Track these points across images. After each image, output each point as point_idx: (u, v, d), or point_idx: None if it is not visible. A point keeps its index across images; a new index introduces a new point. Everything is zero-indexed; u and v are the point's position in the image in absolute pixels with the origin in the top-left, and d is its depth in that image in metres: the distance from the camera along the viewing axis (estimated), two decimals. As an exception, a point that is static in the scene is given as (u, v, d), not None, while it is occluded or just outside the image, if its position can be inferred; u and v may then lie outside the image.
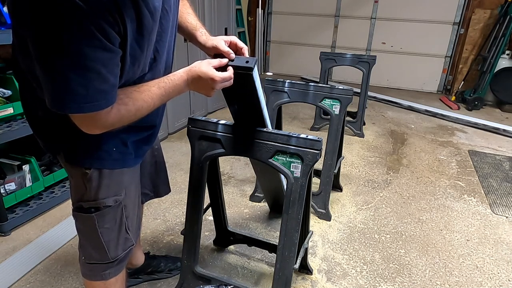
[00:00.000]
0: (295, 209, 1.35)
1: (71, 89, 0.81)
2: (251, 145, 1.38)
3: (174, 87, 1.05)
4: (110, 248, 1.16)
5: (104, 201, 1.10)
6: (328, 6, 5.97)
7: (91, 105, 0.84)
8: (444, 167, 3.12)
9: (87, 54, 0.79)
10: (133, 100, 0.95)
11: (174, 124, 3.54)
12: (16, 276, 1.73)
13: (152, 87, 1.00)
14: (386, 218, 2.36)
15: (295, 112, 4.40)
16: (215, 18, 3.87)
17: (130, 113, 0.95)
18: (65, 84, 0.80)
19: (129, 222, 1.19)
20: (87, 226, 1.13)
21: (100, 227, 1.12)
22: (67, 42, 0.76)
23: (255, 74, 1.19)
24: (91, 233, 1.13)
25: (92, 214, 1.10)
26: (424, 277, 1.86)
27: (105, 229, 1.13)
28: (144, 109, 0.98)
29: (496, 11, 4.85)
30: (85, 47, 0.78)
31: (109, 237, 1.15)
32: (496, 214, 2.45)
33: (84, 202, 1.11)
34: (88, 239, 1.17)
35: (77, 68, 0.79)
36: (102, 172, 1.08)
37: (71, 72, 0.79)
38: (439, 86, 5.74)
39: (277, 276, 1.41)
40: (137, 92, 0.97)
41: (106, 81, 0.84)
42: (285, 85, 2.24)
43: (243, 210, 2.38)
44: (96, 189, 1.09)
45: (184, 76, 1.07)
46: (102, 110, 0.87)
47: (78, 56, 0.78)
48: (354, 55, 3.66)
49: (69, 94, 0.81)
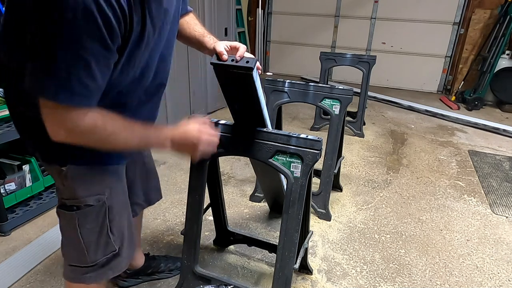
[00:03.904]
0: (295, 209, 1.35)
1: (54, 71, 0.77)
2: (251, 145, 1.38)
3: (156, 139, 1.07)
4: (89, 251, 1.12)
5: (85, 200, 1.06)
6: (328, 6, 5.97)
7: (68, 95, 0.79)
8: (444, 167, 3.12)
9: (84, 43, 0.75)
10: (113, 121, 0.91)
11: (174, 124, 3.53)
12: (16, 276, 1.73)
13: (137, 125, 0.98)
14: (386, 218, 2.36)
15: (295, 112, 4.40)
16: (215, 18, 3.87)
17: (103, 131, 0.89)
18: (50, 64, 0.76)
19: (113, 226, 1.13)
20: (68, 225, 1.10)
21: (80, 226, 1.09)
22: (67, 23, 0.73)
23: (255, 74, 1.19)
24: (72, 232, 1.10)
25: (73, 212, 1.07)
26: (424, 277, 1.87)
27: (86, 230, 1.10)
28: (118, 137, 0.93)
29: (496, 11, 4.85)
30: (85, 34, 0.75)
31: (89, 238, 1.10)
32: (496, 214, 2.45)
33: (67, 200, 1.08)
34: (69, 238, 1.14)
35: (69, 52, 0.75)
36: (80, 169, 1.04)
37: (61, 54, 0.75)
38: (439, 86, 5.74)
39: (277, 276, 1.41)
40: (120, 119, 0.93)
41: (92, 78, 0.81)
42: (285, 85, 2.24)
43: (243, 210, 2.38)
44: (74, 187, 1.06)
45: (169, 135, 1.08)
46: (78, 107, 0.82)
47: (74, 41, 0.75)
48: (354, 55, 3.66)
49: (51, 75, 0.77)
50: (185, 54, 3.40)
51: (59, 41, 0.75)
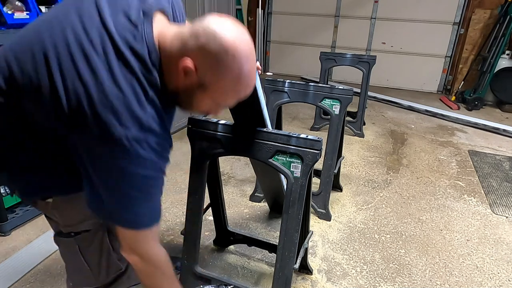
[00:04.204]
0: (295, 209, 1.35)
1: (129, 206, 0.87)
2: (251, 145, 1.38)
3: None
4: (96, 273, 1.12)
5: (80, 226, 1.05)
6: (328, 6, 5.97)
7: (143, 221, 0.90)
8: (444, 167, 3.12)
9: (155, 181, 0.89)
10: (170, 271, 1.01)
11: (174, 124, 3.54)
12: (16, 276, 1.73)
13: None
14: (386, 218, 2.36)
15: (295, 112, 4.40)
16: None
17: (161, 271, 0.98)
18: (125, 201, 0.86)
19: (116, 246, 1.10)
20: (70, 251, 1.09)
21: (82, 250, 1.08)
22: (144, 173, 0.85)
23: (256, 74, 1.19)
24: (75, 258, 1.09)
25: (72, 238, 1.06)
26: (424, 277, 1.86)
27: (89, 253, 1.09)
28: (163, 284, 1.01)
29: (496, 11, 4.85)
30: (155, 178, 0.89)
31: (94, 261, 1.10)
32: (496, 214, 2.45)
33: (63, 228, 1.06)
34: (73, 264, 1.13)
35: (143, 191, 0.87)
36: (66, 198, 1.01)
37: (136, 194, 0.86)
38: (439, 86, 5.74)
39: (277, 276, 1.41)
40: (176, 279, 1.05)
41: (159, 199, 0.93)
42: (285, 85, 2.24)
43: (243, 210, 2.38)
44: (65, 215, 1.04)
45: None
46: (152, 228, 0.92)
47: (147, 184, 0.87)
48: (354, 55, 3.66)
49: (126, 210, 0.87)
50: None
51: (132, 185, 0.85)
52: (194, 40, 0.81)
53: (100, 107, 0.77)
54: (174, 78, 0.86)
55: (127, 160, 0.81)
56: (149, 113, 0.82)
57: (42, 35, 0.84)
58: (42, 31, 0.85)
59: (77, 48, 0.79)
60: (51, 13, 0.92)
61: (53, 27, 0.84)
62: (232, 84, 0.85)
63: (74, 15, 0.84)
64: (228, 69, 0.82)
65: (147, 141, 0.82)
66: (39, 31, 0.85)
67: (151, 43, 0.83)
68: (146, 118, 0.81)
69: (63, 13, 0.86)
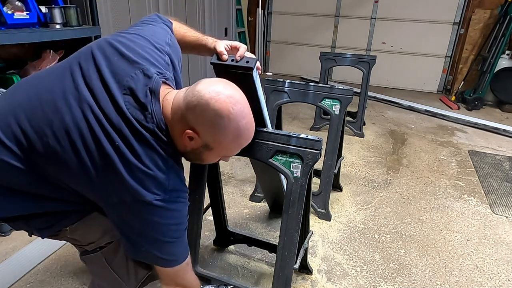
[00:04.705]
0: (295, 209, 1.35)
1: (164, 250, 0.97)
2: (251, 145, 1.37)
3: None
4: (126, 281, 1.15)
5: (103, 240, 1.09)
6: (328, 6, 5.97)
7: (176, 260, 1.01)
8: (444, 167, 3.12)
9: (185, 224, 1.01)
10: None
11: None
12: (16, 276, 1.73)
13: None
14: (386, 218, 2.36)
15: (295, 112, 4.40)
16: (215, 18, 3.87)
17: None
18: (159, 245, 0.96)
19: None
20: (99, 266, 1.12)
21: (110, 262, 1.11)
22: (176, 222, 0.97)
23: (255, 74, 1.20)
24: (104, 271, 1.12)
25: (98, 253, 1.10)
26: (424, 277, 1.87)
27: (116, 263, 1.12)
28: None
29: (496, 11, 4.85)
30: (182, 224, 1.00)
31: (122, 270, 1.13)
32: (496, 214, 2.45)
33: (87, 246, 1.10)
34: (104, 278, 1.16)
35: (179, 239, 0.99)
36: (83, 220, 1.05)
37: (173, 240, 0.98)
38: (439, 86, 5.74)
39: (277, 276, 1.41)
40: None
41: (185, 235, 1.03)
42: (285, 85, 2.24)
43: (243, 210, 2.38)
44: (85, 236, 1.08)
45: None
46: (184, 262, 1.02)
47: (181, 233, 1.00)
48: (354, 55, 3.66)
49: (162, 253, 0.98)
50: (185, 55, 3.40)
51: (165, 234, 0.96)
52: (191, 113, 0.90)
53: (129, 180, 0.88)
54: (182, 142, 0.95)
55: (159, 216, 0.92)
56: (171, 177, 0.94)
57: (60, 108, 0.89)
58: (57, 103, 0.90)
59: (99, 129, 0.88)
60: (57, 76, 0.95)
61: (69, 101, 0.90)
62: (233, 140, 0.96)
63: (85, 89, 0.90)
64: (226, 130, 0.92)
65: (171, 199, 0.94)
66: (55, 102, 0.90)
67: (161, 120, 0.92)
68: (169, 183, 0.93)
69: (72, 83, 0.92)
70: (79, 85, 0.91)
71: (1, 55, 2.22)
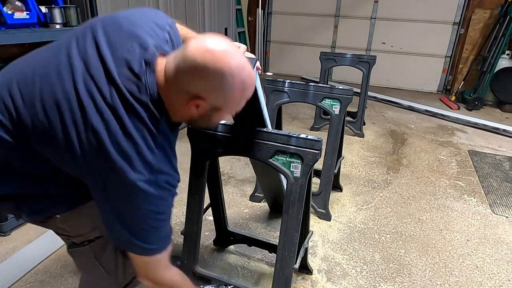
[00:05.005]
0: (295, 209, 1.35)
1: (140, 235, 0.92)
2: (251, 145, 1.38)
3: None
4: (114, 277, 1.13)
5: (92, 233, 1.07)
6: (328, 6, 5.97)
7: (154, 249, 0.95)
8: (444, 167, 3.12)
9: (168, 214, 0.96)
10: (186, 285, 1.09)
11: (174, 124, 3.53)
12: (16, 276, 1.73)
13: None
14: (386, 218, 2.36)
15: (295, 112, 4.40)
16: (215, 18, 3.87)
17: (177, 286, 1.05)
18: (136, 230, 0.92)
19: None
20: (87, 260, 1.11)
21: (98, 257, 1.10)
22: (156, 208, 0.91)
23: (255, 74, 1.19)
24: (92, 266, 1.10)
25: (87, 246, 1.08)
26: (424, 277, 1.86)
27: (105, 259, 1.10)
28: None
29: (496, 11, 4.85)
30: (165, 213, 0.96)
31: (110, 266, 1.12)
32: (496, 214, 2.45)
33: (75, 238, 1.08)
34: (91, 273, 1.15)
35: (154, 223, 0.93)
36: (75, 210, 1.03)
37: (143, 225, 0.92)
38: (439, 86, 5.74)
39: (277, 276, 1.41)
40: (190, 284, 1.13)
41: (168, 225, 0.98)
42: (285, 85, 2.24)
43: (243, 210, 2.38)
44: (74, 227, 1.06)
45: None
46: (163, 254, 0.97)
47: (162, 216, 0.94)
48: (354, 55, 3.66)
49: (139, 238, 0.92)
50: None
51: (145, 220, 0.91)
52: (190, 81, 0.86)
53: (115, 156, 0.84)
54: (187, 112, 0.92)
55: (140, 199, 0.88)
56: (159, 157, 0.89)
57: (52, 81, 0.87)
58: (50, 75, 0.88)
59: (89, 101, 0.84)
60: (53, 51, 0.94)
61: (61, 74, 0.88)
62: (240, 94, 0.92)
63: (79, 62, 0.88)
64: (231, 87, 0.88)
65: (158, 182, 0.89)
66: (48, 75, 0.89)
67: (155, 93, 0.88)
68: (156, 162, 0.88)
69: (67, 57, 0.90)
70: (73, 58, 0.89)
71: (1, 55, 2.22)
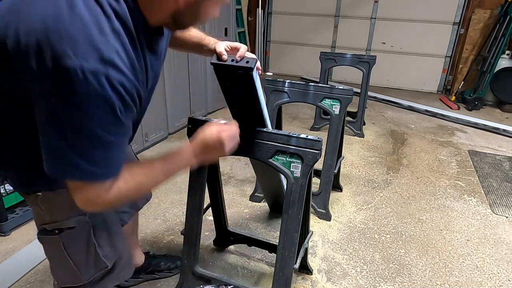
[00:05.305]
0: (295, 209, 1.35)
1: (77, 153, 0.77)
2: (251, 145, 1.38)
3: (180, 162, 1.03)
4: (81, 270, 1.09)
5: (65, 223, 1.03)
6: (328, 6, 5.97)
7: (94, 173, 0.80)
8: (444, 167, 3.12)
9: (104, 125, 0.76)
10: (133, 177, 0.90)
11: (174, 124, 3.54)
12: (16, 276, 1.74)
13: (155, 162, 0.98)
14: (386, 218, 2.36)
15: (295, 112, 4.40)
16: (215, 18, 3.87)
17: (129, 191, 0.90)
18: (72, 146, 0.76)
19: (102, 243, 1.09)
20: (55, 249, 1.07)
21: (67, 248, 1.05)
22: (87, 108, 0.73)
23: (255, 74, 1.20)
24: (59, 256, 1.06)
25: (56, 236, 1.04)
26: (424, 277, 1.87)
27: (73, 250, 1.06)
28: (145, 186, 0.95)
29: (496, 11, 4.85)
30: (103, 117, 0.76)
31: (78, 259, 1.07)
32: (496, 214, 2.45)
33: (47, 225, 1.04)
34: (57, 262, 1.11)
35: (89, 134, 0.76)
36: (57, 192, 0.99)
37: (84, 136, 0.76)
38: (439, 86, 5.74)
39: (277, 276, 1.41)
40: (138, 168, 0.94)
41: (116, 151, 0.82)
42: (285, 85, 2.24)
43: (243, 210, 2.38)
44: (52, 211, 1.02)
45: (191, 149, 1.06)
46: (104, 182, 0.83)
47: (95, 124, 0.75)
48: (354, 55, 3.66)
49: (74, 157, 0.77)
50: (185, 55, 3.41)
51: (80, 124, 0.74)
52: None
53: (55, 37, 0.68)
54: (168, 4, 0.80)
55: (79, 96, 0.70)
56: (112, 44, 0.73)
57: None
58: None
59: None
60: None
61: None
62: None
63: None
64: None
65: (107, 76, 0.71)
66: None
67: None
68: (107, 49, 0.71)
69: None
70: None
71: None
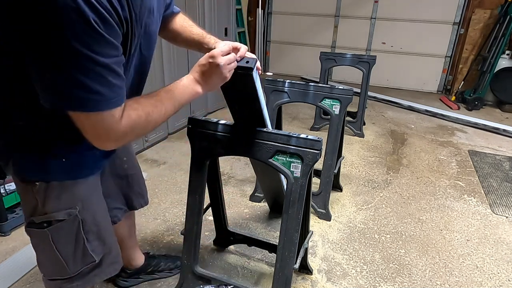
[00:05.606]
0: (295, 209, 1.35)
1: (76, 82, 0.76)
2: (251, 145, 1.38)
3: (183, 88, 1.03)
4: (69, 263, 1.09)
5: (54, 215, 1.02)
6: (328, 6, 5.97)
7: (99, 101, 0.79)
8: (444, 167, 3.12)
9: (92, 47, 0.75)
10: (142, 105, 0.91)
11: (174, 124, 3.54)
12: (16, 276, 1.73)
13: (160, 92, 0.98)
14: (386, 218, 2.36)
15: (295, 112, 4.40)
16: (215, 18, 3.87)
17: (141, 118, 0.90)
18: (71, 76, 0.75)
19: (91, 237, 1.10)
20: (42, 242, 1.06)
21: (55, 241, 1.05)
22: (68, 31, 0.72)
23: (255, 74, 1.19)
24: (47, 248, 1.06)
25: (45, 229, 1.03)
26: (424, 277, 1.87)
27: (61, 244, 1.06)
28: (155, 115, 0.94)
29: (496, 11, 4.85)
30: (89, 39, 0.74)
31: (66, 252, 1.07)
32: (496, 214, 2.45)
33: (35, 217, 1.04)
34: (45, 255, 1.11)
35: (84, 60, 0.75)
36: (50, 184, 1.00)
37: (77, 67, 0.75)
38: (439, 86, 5.74)
39: (277, 276, 1.41)
40: (144, 98, 0.94)
41: (115, 76, 0.81)
42: (285, 85, 2.24)
43: (243, 210, 2.38)
44: (43, 202, 1.02)
45: (190, 76, 1.06)
46: (112, 111, 0.83)
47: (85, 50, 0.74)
48: (354, 55, 3.66)
49: (74, 87, 0.77)
50: (185, 55, 3.41)
51: (63, 46, 0.73)
52: None
53: None
54: None
55: (55, 15, 0.70)
56: None
57: None
58: None
59: None
60: None
61: None
62: None
63: None
64: None
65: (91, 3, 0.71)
66: None
67: None
68: None
69: None
70: None
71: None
